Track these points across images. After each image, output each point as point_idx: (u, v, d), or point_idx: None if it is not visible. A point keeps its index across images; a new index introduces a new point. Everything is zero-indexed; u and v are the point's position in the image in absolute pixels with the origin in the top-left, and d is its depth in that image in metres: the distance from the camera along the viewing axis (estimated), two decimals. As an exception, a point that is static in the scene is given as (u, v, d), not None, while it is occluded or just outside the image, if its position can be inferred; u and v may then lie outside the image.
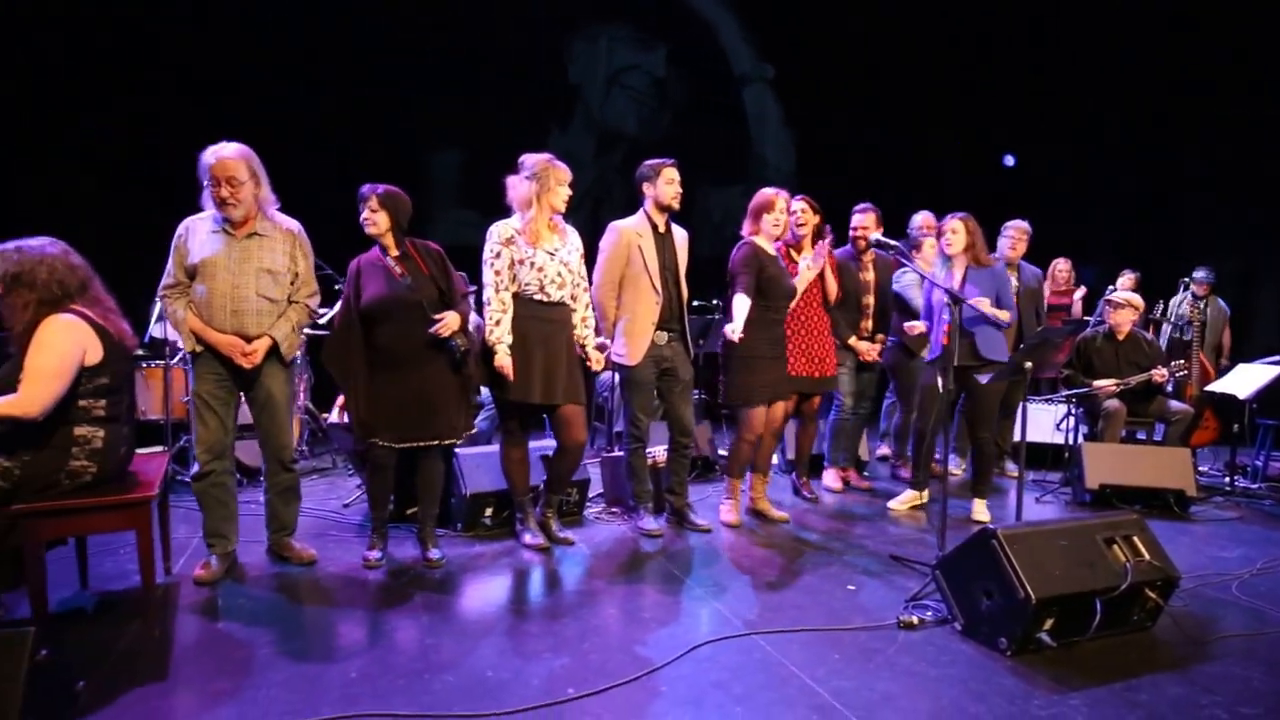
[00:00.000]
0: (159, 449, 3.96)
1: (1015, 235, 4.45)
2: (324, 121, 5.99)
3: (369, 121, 6.19)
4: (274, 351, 2.94)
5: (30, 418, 2.28)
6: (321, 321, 4.18)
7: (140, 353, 3.97)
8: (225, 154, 2.80)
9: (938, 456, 4.81)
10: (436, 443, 3.08)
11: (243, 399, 3.03)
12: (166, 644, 2.40)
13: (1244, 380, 4.66)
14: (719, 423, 5.91)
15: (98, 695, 2.06)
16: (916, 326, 3.91)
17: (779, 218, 3.60)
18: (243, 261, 2.86)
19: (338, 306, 3.11)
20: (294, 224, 3.02)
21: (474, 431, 4.35)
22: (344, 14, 6.09)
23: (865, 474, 4.70)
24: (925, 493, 4.03)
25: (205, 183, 2.82)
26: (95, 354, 2.40)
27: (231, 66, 5.72)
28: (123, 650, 2.36)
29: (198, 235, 2.86)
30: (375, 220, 2.97)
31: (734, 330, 3.38)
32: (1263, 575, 3.20)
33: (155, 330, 4.44)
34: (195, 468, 2.95)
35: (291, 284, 2.98)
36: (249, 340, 2.87)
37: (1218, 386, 4.83)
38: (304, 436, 5.03)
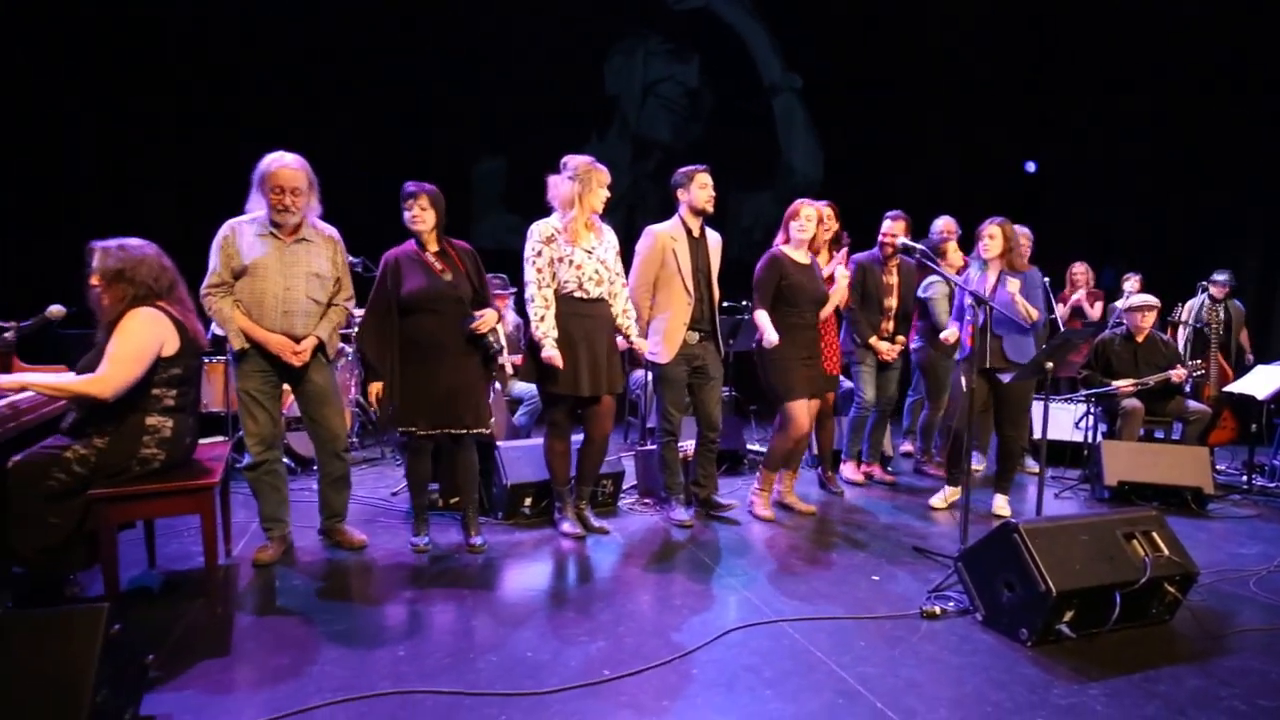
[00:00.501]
0: (220, 439, 4.06)
1: (1022, 242, 4.36)
2: (377, 130, 6.08)
3: (420, 129, 6.27)
4: (318, 348, 3.00)
5: (103, 398, 2.32)
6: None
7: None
8: (289, 164, 2.83)
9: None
10: (466, 432, 3.09)
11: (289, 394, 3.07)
12: (228, 622, 2.45)
13: (1262, 381, 4.53)
14: (748, 419, 5.89)
15: (165, 668, 2.11)
16: (950, 336, 3.86)
17: (804, 224, 3.60)
18: (293, 265, 2.90)
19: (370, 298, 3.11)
20: (333, 231, 3.07)
21: (515, 426, 4.41)
22: (398, 32, 6.20)
23: (889, 469, 4.66)
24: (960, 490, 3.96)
25: (261, 189, 2.84)
26: (172, 346, 2.46)
27: (293, 78, 5.81)
28: (187, 627, 2.42)
29: (245, 237, 2.85)
30: (423, 218, 2.99)
31: (770, 340, 3.45)
32: (1281, 572, 3.13)
33: (216, 329, 4.53)
34: (248, 459, 2.99)
35: (331, 288, 3.02)
36: (295, 340, 2.91)
37: (1236, 387, 4.71)
38: (354, 428, 5.12)
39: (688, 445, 3.77)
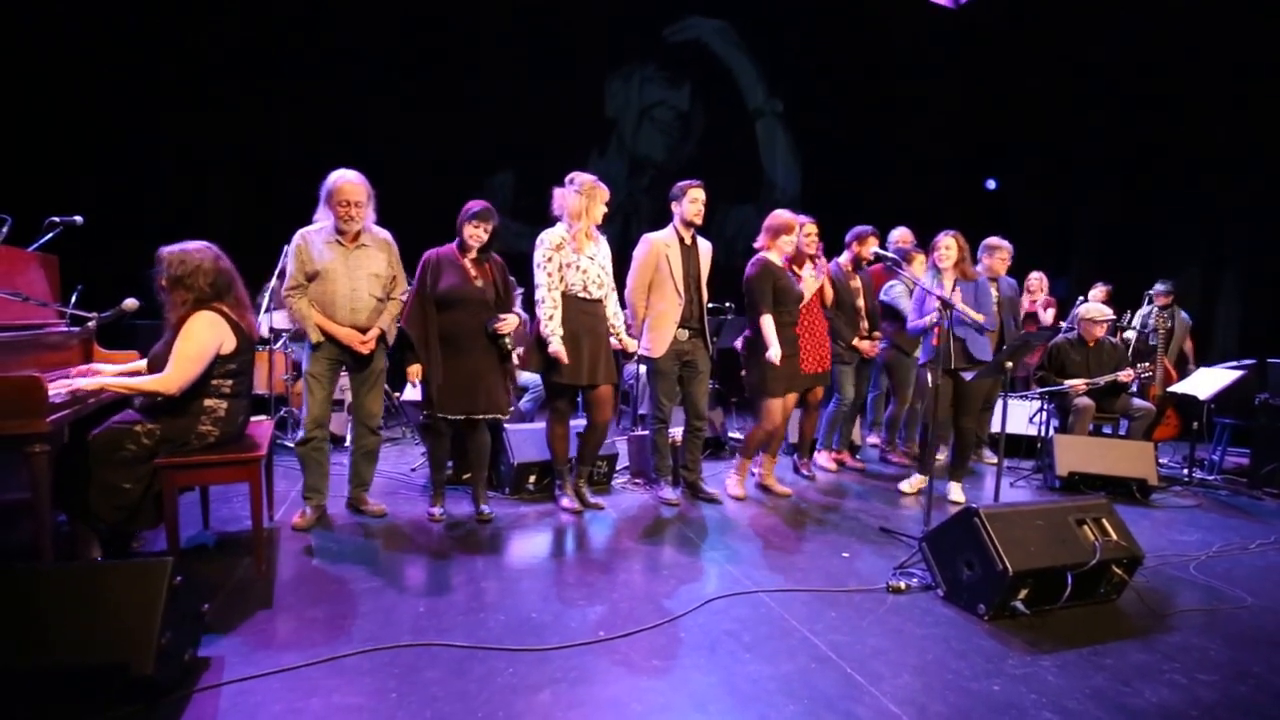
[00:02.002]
0: (264, 418, 4.05)
1: (1004, 255, 4.27)
2: (408, 143, 6.10)
3: (442, 142, 6.27)
4: (379, 337, 3.04)
5: (169, 394, 2.36)
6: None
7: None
8: (352, 180, 2.90)
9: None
10: (486, 416, 3.10)
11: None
12: (271, 577, 2.47)
13: (1204, 382, 4.45)
14: (729, 409, 5.84)
15: (218, 616, 2.13)
16: (924, 322, 3.75)
17: (794, 239, 3.57)
18: (356, 268, 2.96)
19: (409, 296, 3.11)
20: (387, 234, 3.09)
21: (520, 411, 4.37)
22: (424, 62, 6.23)
23: (858, 457, 4.61)
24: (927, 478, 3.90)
25: (327, 202, 2.90)
26: (229, 346, 2.48)
27: (340, 103, 5.84)
28: (237, 580, 2.44)
29: (315, 245, 2.93)
30: (483, 237, 3.03)
31: (774, 354, 3.38)
32: (1219, 558, 3.06)
33: (281, 322, 4.53)
34: (300, 434, 3.02)
35: (388, 286, 3.06)
36: (363, 330, 2.97)
37: (1180, 387, 4.63)
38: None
39: (676, 432, 3.73)
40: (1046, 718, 1.77)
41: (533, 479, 3.60)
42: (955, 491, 3.77)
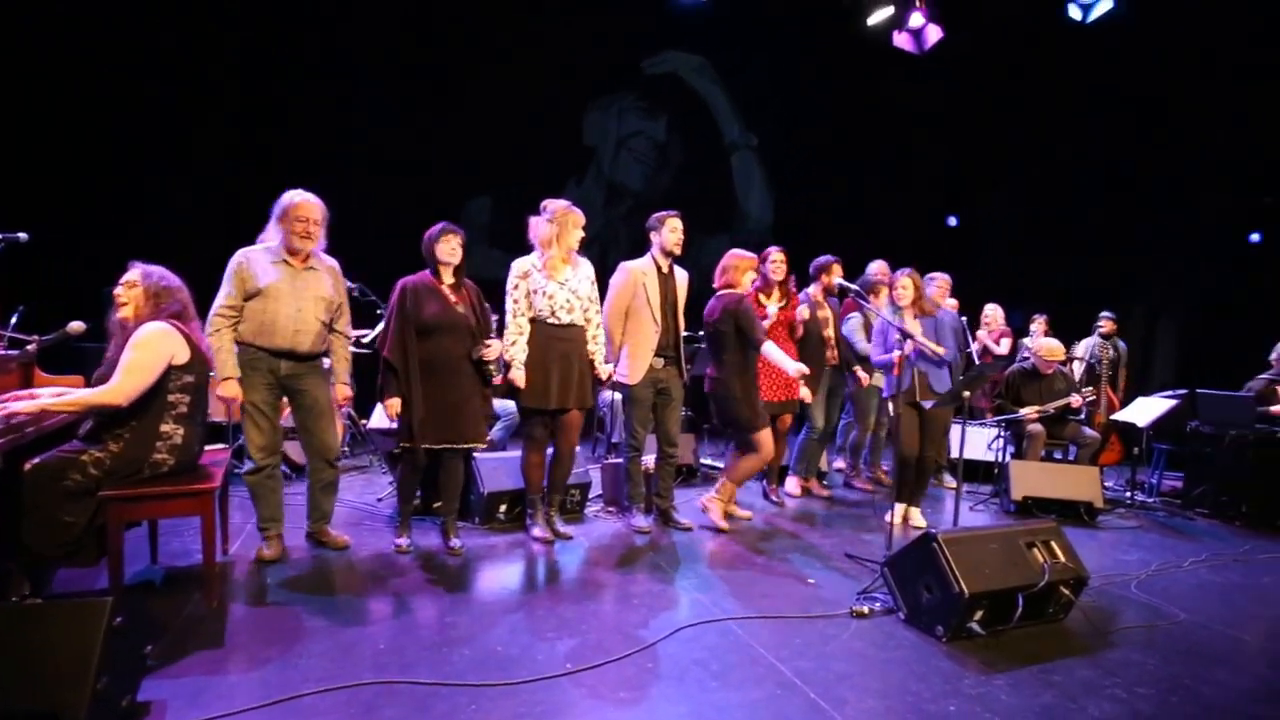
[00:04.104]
0: (221, 446, 3.94)
1: (942, 285, 4.49)
2: (385, 169, 6.11)
3: (419, 168, 6.29)
4: (317, 363, 2.97)
5: (116, 406, 2.28)
6: (365, 341, 4.20)
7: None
8: (310, 199, 2.87)
9: (886, 468, 4.86)
10: (466, 446, 3.08)
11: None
12: (223, 615, 2.38)
13: (1143, 410, 4.71)
14: (702, 436, 5.91)
15: (163, 657, 2.04)
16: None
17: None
18: (304, 289, 2.87)
19: (385, 324, 3.06)
20: (334, 262, 3.04)
21: (492, 440, 4.36)
22: (405, 81, 6.28)
23: (825, 483, 4.71)
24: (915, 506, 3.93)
25: (281, 219, 2.83)
26: (183, 355, 2.42)
27: (309, 127, 5.81)
28: (186, 619, 2.35)
29: (259, 264, 2.83)
30: (459, 251, 3.03)
31: (801, 370, 3.48)
32: (1157, 575, 3.22)
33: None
34: (250, 464, 2.92)
35: (333, 311, 2.99)
36: (302, 354, 2.88)
37: (1121, 415, 4.88)
38: (346, 439, 5.01)
39: (649, 459, 3.76)
40: (1001, 737, 1.84)
41: (503, 508, 3.57)
42: (916, 516, 3.89)
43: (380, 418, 3.27)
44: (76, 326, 2.63)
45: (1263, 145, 6.56)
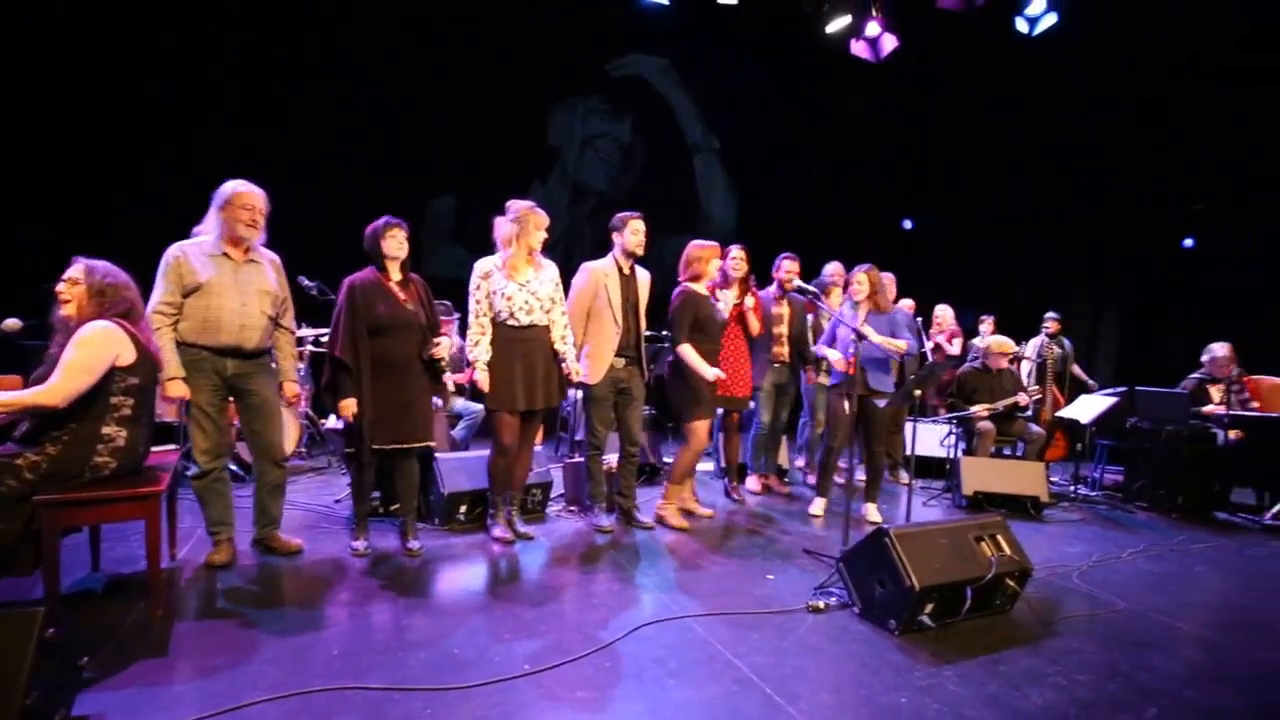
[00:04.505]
0: (171, 447, 3.80)
1: (887, 285, 4.60)
2: (348, 167, 5.99)
3: (383, 167, 6.18)
4: (265, 361, 2.89)
5: (53, 406, 2.18)
6: (326, 340, 4.09)
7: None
8: (254, 189, 2.78)
9: (844, 465, 4.95)
10: (416, 445, 3.03)
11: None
12: (168, 623, 2.30)
13: (1086, 408, 4.90)
14: (665, 435, 5.93)
15: (104, 668, 1.96)
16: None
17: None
18: (247, 283, 2.78)
19: (334, 324, 2.97)
20: (274, 255, 2.95)
21: (454, 439, 4.30)
22: (375, 81, 6.19)
23: (786, 480, 4.77)
24: (827, 499, 4.09)
25: (223, 209, 2.72)
26: (128, 356, 2.32)
27: (266, 121, 5.65)
28: (128, 628, 2.25)
29: (195, 259, 2.71)
30: (405, 247, 2.99)
31: (709, 374, 3.53)
32: (1098, 566, 3.36)
33: None
34: (195, 468, 2.82)
35: (279, 305, 2.92)
36: (249, 351, 2.80)
37: (1065, 412, 5.07)
38: (304, 439, 4.87)
39: (611, 459, 3.76)
40: (947, 726, 1.89)
41: (464, 509, 3.53)
42: (872, 512, 3.97)
43: (336, 418, 3.19)
44: (12, 324, 2.51)
45: (1194, 153, 6.90)
